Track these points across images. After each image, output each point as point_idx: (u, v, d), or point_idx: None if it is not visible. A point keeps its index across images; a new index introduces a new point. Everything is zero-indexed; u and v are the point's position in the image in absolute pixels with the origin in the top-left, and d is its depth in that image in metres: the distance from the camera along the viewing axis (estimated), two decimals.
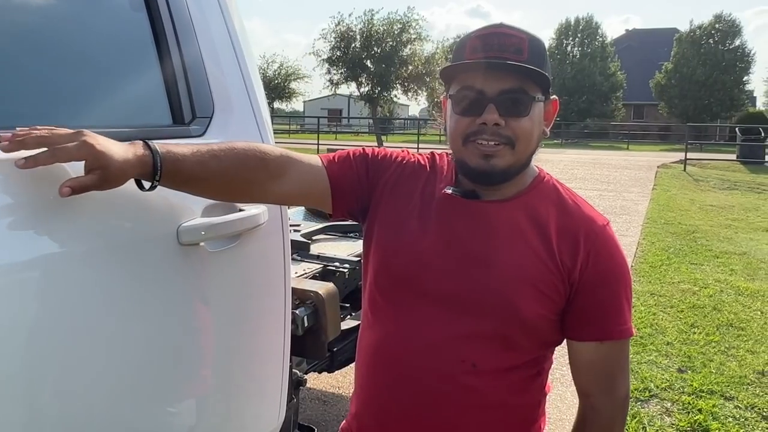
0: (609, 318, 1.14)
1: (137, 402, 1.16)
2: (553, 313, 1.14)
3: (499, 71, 1.07)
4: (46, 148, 0.94)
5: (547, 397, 1.26)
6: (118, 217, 1.09)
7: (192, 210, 1.23)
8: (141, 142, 1.03)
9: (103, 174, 0.96)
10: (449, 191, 1.17)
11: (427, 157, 1.27)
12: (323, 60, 30.49)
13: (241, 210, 1.34)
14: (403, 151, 1.29)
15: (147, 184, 1.04)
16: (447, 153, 1.24)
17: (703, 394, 3.29)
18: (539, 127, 1.14)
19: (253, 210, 1.36)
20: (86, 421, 1.07)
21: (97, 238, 1.06)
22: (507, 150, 1.09)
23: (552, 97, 1.17)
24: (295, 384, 2.00)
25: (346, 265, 2.42)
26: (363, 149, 1.26)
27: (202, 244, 1.25)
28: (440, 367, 1.13)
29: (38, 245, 0.97)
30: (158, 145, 1.03)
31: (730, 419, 3.04)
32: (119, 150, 0.98)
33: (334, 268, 2.42)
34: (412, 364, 1.15)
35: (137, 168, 1.00)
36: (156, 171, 1.02)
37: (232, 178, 1.12)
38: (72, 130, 0.97)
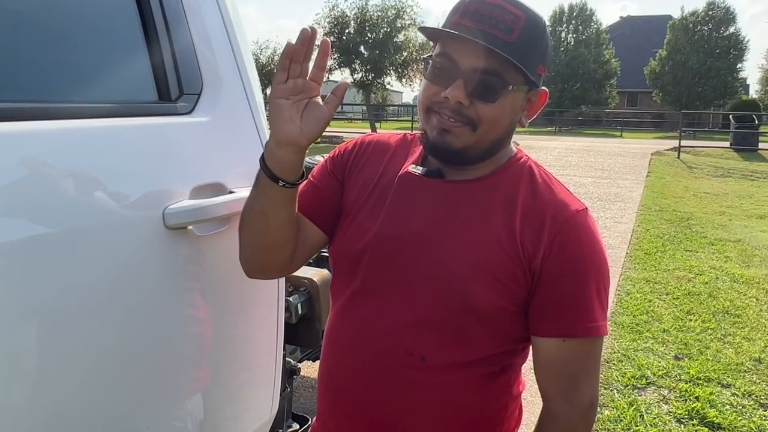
0: (574, 313, 1.03)
1: (123, 394, 1.11)
2: (512, 303, 1.03)
3: (477, 47, 0.97)
4: None
5: (523, 395, 1.18)
6: (100, 197, 1.03)
7: (179, 191, 1.17)
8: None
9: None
10: (413, 170, 1.10)
11: (398, 137, 1.20)
12: (316, 46, 30.26)
13: (231, 192, 1.28)
14: (365, 136, 1.22)
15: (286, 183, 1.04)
16: (421, 132, 1.15)
17: (700, 382, 3.27)
18: (512, 115, 1.04)
19: (243, 192, 1.30)
20: (68, 412, 1.02)
21: (76, 219, 0.99)
22: (466, 130, 1.00)
23: (540, 89, 1.06)
24: (289, 373, 1.96)
25: None
26: (324, 160, 1.21)
27: (190, 227, 1.19)
28: (387, 360, 1.06)
29: (13, 227, 0.91)
30: None
31: (728, 407, 3.02)
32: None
33: (328, 255, 2.36)
34: (360, 354, 1.09)
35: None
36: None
37: (286, 235, 1.13)
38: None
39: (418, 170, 1.09)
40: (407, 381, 1.06)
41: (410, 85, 30.73)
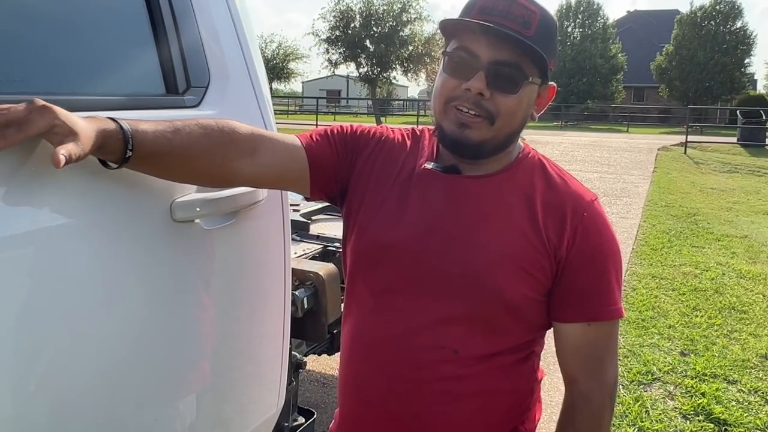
0: (598, 298, 1.08)
1: (129, 387, 1.11)
2: (540, 293, 1.08)
3: (498, 39, 1.00)
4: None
5: (542, 382, 1.21)
6: (107, 191, 1.03)
7: (187, 184, 1.17)
8: (106, 118, 0.93)
9: (78, 139, 0.84)
10: (429, 166, 1.11)
11: (408, 133, 1.21)
12: (322, 40, 30.24)
13: None
14: (382, 127, 1.22)
15: (113, 164, 0.96)
16: (429, 128, 1.18)
17: (706, 378, 3.26)
18: (527, 109, 1.07)
19: None
20: (75, 404, 1.02)
21: (83, 212, 1.00)
22: (484, 124, 1.03)
23: (550, 83, 1.10)
24: (295, 367, 1.96)
25: None
26: (341, 126, 1.20)
27: (197, 221, 1.19)
28: (418, 355, 1.08)
29: (20, 220, 0.91)
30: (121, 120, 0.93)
31: (734, 403, 3.01)
32: (80, 119, 0.88)
33: (334, 249, 2.37)
34: (388, 352, 1.10)
35: (98, 141, 0.89)
36: (126, 147, 0.92)
37: (197, 156, 1.02)
38: (23, 103, 0.84)
39: (436, 166, 1.11)
40: (441, 374, 1.08)
41: (416, 79, 30.64)
